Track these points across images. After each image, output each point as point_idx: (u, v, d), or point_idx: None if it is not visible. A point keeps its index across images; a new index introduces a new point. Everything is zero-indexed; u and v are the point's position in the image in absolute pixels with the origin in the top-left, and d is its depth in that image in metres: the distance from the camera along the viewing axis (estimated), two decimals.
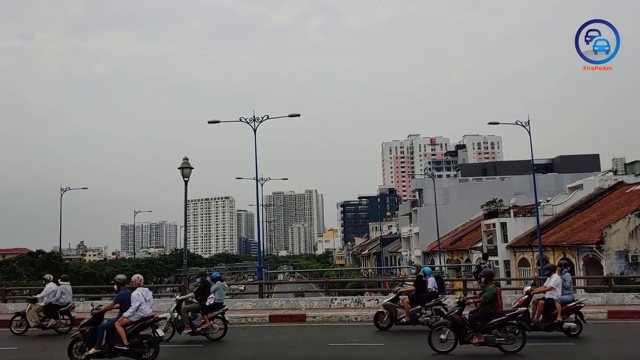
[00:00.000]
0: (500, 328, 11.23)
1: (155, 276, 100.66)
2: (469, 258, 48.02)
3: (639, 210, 30.78)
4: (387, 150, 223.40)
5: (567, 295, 13.33)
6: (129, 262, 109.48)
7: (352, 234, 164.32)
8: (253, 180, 35.66)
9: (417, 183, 69.05)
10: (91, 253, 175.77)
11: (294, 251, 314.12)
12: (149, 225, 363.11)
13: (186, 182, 20.80)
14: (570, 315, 13.13)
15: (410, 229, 65.25)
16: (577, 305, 13.24)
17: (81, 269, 70.34)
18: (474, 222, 54.71)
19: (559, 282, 13.35)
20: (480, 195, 52.90)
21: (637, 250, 29.87)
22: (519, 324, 11.44)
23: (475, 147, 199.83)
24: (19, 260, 60.39)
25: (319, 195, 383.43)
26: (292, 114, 32.58)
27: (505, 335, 11.20)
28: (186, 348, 13.29)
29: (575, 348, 12.10)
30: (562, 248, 33.52)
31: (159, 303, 20.19)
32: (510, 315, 11.37)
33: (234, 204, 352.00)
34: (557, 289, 13.25)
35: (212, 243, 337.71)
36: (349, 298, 19.42)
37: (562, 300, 13.11)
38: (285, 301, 20.04)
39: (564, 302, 13.10)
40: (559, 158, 77.04)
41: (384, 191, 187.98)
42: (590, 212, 38.10)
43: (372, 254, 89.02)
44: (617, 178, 42.49)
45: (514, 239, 40.29)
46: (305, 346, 13.08)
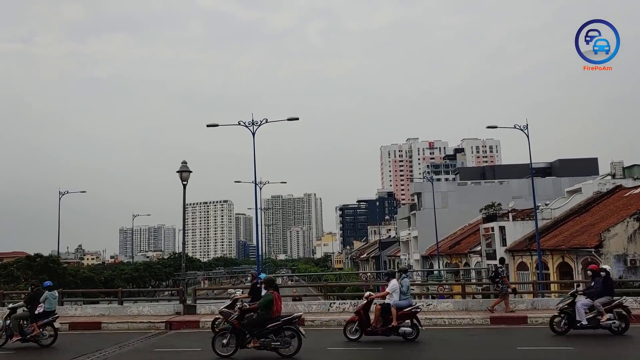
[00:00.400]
0: (276, 333, 11.62)
1: (154, 280, 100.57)
2: (468, 262, 48.00)
3: (638, 214, 30.77)
4: (386, 154, 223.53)
5: (403, 301, 13.58)
6: (127, 265, 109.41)
7: (350, 237, 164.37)
8: (252, 183, 35.66)
9: (416, 187, 69.07)
10: (89, 257, 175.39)
11: (293, 255, 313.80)
12: (148, 229, 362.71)
13: (184, 185, 20.77)
14: (406, 320, 13.34)
15: (409, 233, 65.23)
16: (413, 310, 13.48)
17: (79, 273, 70.28)
18: (472, 226, 54.69)
19: (395, 287, 13.63)
20: (479, 199, 52.93)
21: (635, 254, 29.87)
22: (295, 329, 11.80)
23: (474, 151, 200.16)
24: (16, 264, 60.26)
25: (318, 199, 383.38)
26: (290, 118, 32.60)
27: (281, 340, 11.60)
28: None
29: (575, 352, 12.07)
30: (560, 252, 33.50)
31: (157, 306, 20.17)
32: (285, 321, 11.75)
33: (233, 208, 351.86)
34: (394, 295, 13.55)
35: (211, 247, 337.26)
36: (347, 302, 19.40)
37: (398, 305, 13.37)
38: (283, 305, 19.95)
39: (400, 307, 13.36)
40: (558, 162, 77.14)
41: (383, 195, 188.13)
42: (588, 215, 38.12)
43: (371, 257, 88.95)
44: (616, 182, 42.52)
45: (512, 243, 40.27)
46: (304, 351, 13.03)
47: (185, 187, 20.84)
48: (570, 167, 69.10)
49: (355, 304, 19.05)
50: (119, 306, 20.51)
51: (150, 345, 14.16)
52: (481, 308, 18.48)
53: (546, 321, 16.23)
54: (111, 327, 17.40)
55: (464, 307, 18.63)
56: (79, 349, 13.49)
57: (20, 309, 14.76)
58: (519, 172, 65.53)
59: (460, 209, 58.32)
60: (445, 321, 16.63)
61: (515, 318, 16.70)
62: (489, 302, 18.69)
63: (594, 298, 13.62)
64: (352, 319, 13.84)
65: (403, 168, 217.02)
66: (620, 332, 13.42)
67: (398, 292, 13.60)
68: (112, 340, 14.79)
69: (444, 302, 19.69)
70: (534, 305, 18.42)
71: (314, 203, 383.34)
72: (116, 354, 12.87)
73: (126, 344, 14.14)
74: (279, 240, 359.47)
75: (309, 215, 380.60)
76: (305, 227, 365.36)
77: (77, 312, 19.92)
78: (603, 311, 13.34)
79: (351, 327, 13.69)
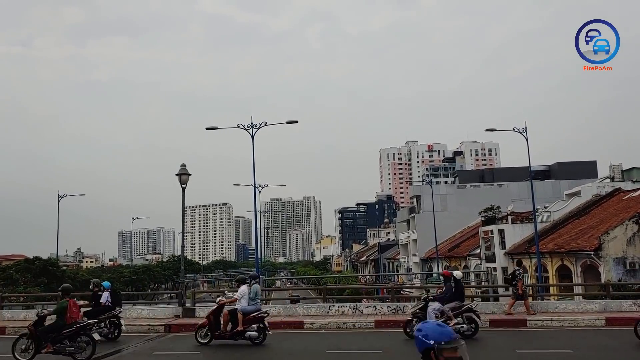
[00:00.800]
0: (70, 339, 12.06)
1: (153, 283, 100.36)
2: (467, 264, 47.98)
3: (637, 217, 30.77)
4: (385, 157, 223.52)
5: (251, 306, 14.05)
6: (126, 268, 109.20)
7: (350, 240, 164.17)
8: (251, 186, 35.61)
9: (415, 190, 69.12)
10: (88, 260, 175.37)
11: (292, 258, 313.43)
12: (147, 232, 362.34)
13: (184, 188, 20.76)
14: (253, 324, 13.86)
15: (408, 236, 65.22)
16: (259, 315, 13.94)
17: (78, 276, 70.14)
18: (472, 229, 54.70)
19: (244, 293, 14.11)
20: (478, 201, 52.96)
21: (634, 257, 29.85)
22: (89, 336, 12.27)
23: (473, 154, 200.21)
24: (15, 266, 60.13)
25: (317, 202, 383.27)
26: (289, 121, 32.55)
27: (75, 345, 12.03)
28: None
29: (573, 355, 12.07)
30: (560, 255, 33.50)
31: (156, 309, 20.15)
32: (79, 327, 12.16)
33: (232, 211, 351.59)
34: (242, 300, 14.03)
35: (210, 249, 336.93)
36: (346, 305, 19.36)
37: (246, 310, 13.86)
38: (282, 308, 19.95)
39: (247, 312, 13.86)
40: (557, 165, 77.21)
41: (382, 198, 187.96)
42: (587, 218, 38.13)
43: (370, 260, 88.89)
44: (615, 185, 42.55)
45: (511, 246, 40.27)
46: (303, 353, 13.04)
47: (185, 190, 20.82)
48: (569, 170, 69.17)
49: (354, 307, 19.07)
50: None
51: (149, 349, 14.14)
52: (480, 311, 18.42)
53: (546, 324, 16.28)
54: None
55: None
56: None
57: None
58: (518, 175, 65.53)
59: (460, 211, 58.33)
60: None
61: (515, 321, 16.69)
62: (487, 305, 18.67)
63: (444, 303, 14.31)
64: (202, 324, 14.34)
65: (402, 171, 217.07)
66: (470, 336, 13.85)
67: (247, 298, 14.09)
68: (111, 343, 14.76)
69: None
70: (533, 308, 18.39)
71: (313, 206, 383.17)
72: (115, 357, 12.86)
73: (125, 347, 14.12)
74: (278, 243, 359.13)
75: (308, 218, 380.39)
76: (304, 230, 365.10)
77: None
78: (452, 316, 13.95)
79: (202, 331, 14.21)
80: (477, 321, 14.16)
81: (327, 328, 16.86)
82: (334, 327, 16.88)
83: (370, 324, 16.89)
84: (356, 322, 17.11)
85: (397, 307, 18.77)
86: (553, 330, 15.59)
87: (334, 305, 19.38)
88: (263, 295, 28.83)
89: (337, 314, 18.80)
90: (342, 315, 18.45)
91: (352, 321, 17.18)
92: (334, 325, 17.00)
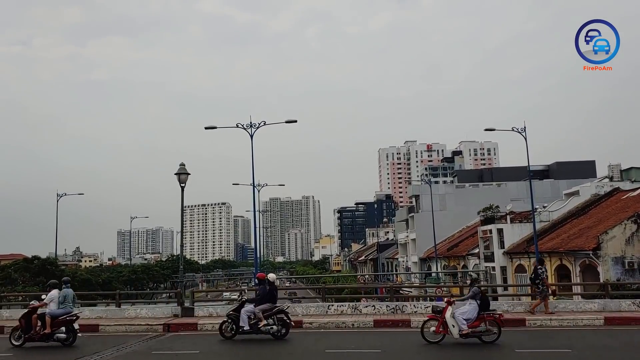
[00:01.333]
0: None
1: (152, 282, 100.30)
2: (466, 264, 48.01)
3: (635, 217, 30.81)
4: (384, 157, 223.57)
5: (60, 310, 14.65)
6: (125, 268, 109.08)
7: (349, 240, 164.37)
8: (250, 186, 35.64)
9: (414, 189, 69.09)
10: (87, 259, 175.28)
11: (291, 257, 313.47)
12: (146, 231, 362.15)
13: (183, 187, 20.75)
14: (61, 327, 14.52)
15: (407, 235, 65.21)
16: (67, 318, 14.57)
17: (77, 275, 69.99)
18: (470, 228, 54.71)
19: (53, 297, 14.74)
20: (476, 201, 52.95)
21: (633, 257, 29.89)
22: None
23: (471, 154, 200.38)
24: (14, 266, 60.07)
25: (316, 202, 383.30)
26: (288, 120, 32.55)
27: None
28: None
29: (572, 354, 12.07)
30: (558, 254, 33.53)
31: (155, 309, 20.13)
32: None
33: (231, 210, 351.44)
34: (51, 304, 14.69)
35: (209, 249, 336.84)
36: (345, 304, 19.34)
37: (54, 314, 14.53)
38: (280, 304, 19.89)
39: (55, 315, 14.51)
40: (555, 164, 77.22)
41: (381, 197, 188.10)
42: (586, 218, 38.16)
43: (369, 260, 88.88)
44: (613, 184, 42.59)
45: (510, 245, 40.29)
46: (302, 353, 13.03)
47: (184, 189, 20.82)
48: (568, 170, 69.17)
49: (353, 307, 19.06)
50: (117, 308, 20.44)
51: (148, 348, 14.13)
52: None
53: (544, 323, 16.28)
54: (109, 330, 17.35)
55: None
56: (77, 352, 13.47)
57: None
58: (516, 175, 65.55)
59: (458, 211, 58.35)
60: None
61: (514, 320, 16.69)
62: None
63: (256, 305, 14.77)
64: (16, 327, 15.00)
65: (401, 171, 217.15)
66: (281, 337, 14.47)
67: (56, 302, 14.70)
68: (109, 342, 14.76)
69: (442, 304, 19.62)
70: (537, 309, 18.39)
71: (312, 205, 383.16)
72: (114, 357, 12.84)
73: (124, 347, 14.11)
74: (277, 243, 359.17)
75: (307, 217, 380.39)
76: (303, 230, 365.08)
77: None
78: (262, 317, 14.49)
79: (15, 334, 14.85)
80: (289, 322, 14.71)
81: (326, 327, 16.85)
82: (333, 326, 16.88)
83: (369, 323, 16.88)
84: (355, 321, 17.10)
85: (396, 307, 18.75)
86: (552, 330, 15.59)
87: (332, 305, 19.36)
88: None
89: (336, 313, 18.79)
90: (341, 315, 18.44)
91: (351, 320, 17.18)
92: (332, 324, 16.99)
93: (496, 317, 13.50)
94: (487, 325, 13.42)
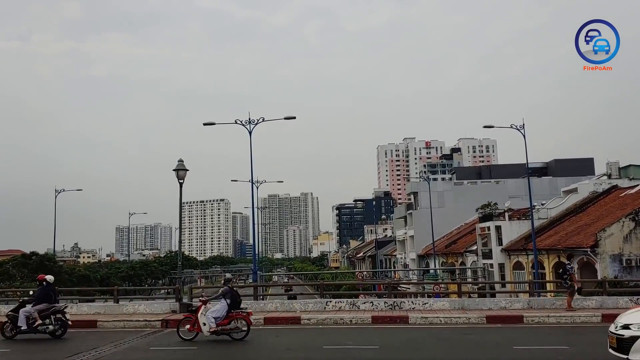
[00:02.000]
0: None
1: (150, 278, 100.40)
2: (464, 261, 48.08)
3: (633, 214, 30.86)
4: (383, 154, 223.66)
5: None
6: (123, 264, 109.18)
7: (347, 236, 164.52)
8: (248, 182, 35.64)
9: (413, 186, 69.11)
10: (85, 255, 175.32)
11: (289, 254, 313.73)
12: (144, 228, 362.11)
13: (181, 184, 20.73)
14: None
15: (405, 232, 65.29)
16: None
17: (75, 271, 70.16)
18: (469, 226, 54.77)
19: None
20: (475, 198, 53.02)
21: (631, 254, 29.95)
22: None
23: (470, 151, 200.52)
24: (12, 262, 60.11)
25: (315, 198, 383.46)
26: (287, 117, 32.57)
27: None
28: None
29: (570, 351, 12.10)
30: (556, 251, 33.58)
31: (153, 305, 20.13)
32: None
33: (229, 207, 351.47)
34: None
35: (207, 245, 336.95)
36: (343, 301, 19.37)
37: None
38: (279, 303, 19.95)
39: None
40: (554, 162, 77.26)
41: (380, 194, 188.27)
42: (584, 215, 38.21)
43: (367, 256, 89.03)
44: (612, 182, 42.65)
45: (508, 243, 40.35)
46: (300, 349, 13.04)
47: (182, 186, 20.80)
48: (566, 167, 69.19)
49: (351, 303, 19.10)
50: (115, 304, 20.43)
51: (146, 344, 14.12)
52: (477, 307, 18.51)
53: (542, 320, 16.32)
54: (107, 326, 17.34)
55: (460, 306, 18.64)
56: (75, 347, 13.44)
57: None
58: (515, 172, 65.59)
59: (457, 208, 58.42)
60: (441, 320, 16.64)
61: (511, 317, 16.73)
62: (484, 301, 18.72)
63: (34, 305, 15.07)
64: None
65: (400, 167, 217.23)
66: (58, 336, 14.83)
67: None
68: (107, 338, 14.74)
69: (440, 301, 19.69)
70: (530, 305, 18.47)
71: (311, 202, 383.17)
72: (112, 352, 12.84)
73: (122, 342, 14.10)
74: (275, 239, 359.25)
75: (305, 214, 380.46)
76: (301, 226, 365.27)
77: (72, 310, 19.81)
78: (37, 317, 14.77)
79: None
80: (67, 322, 15.02)
81: (324, 324, 16.87)
82: (331, 322, 16.89)
83: (367, 319, 16.91)
84: (353, 317, 17.12)
85: (394, 303, 18.78)
86: (549, 327, 15.63)
87: (331, 301, 19.39)
88: (260, 290, 28.95)
89: (334, 309, 18.82)
90: (339, 311, 18.47)
91: (349, 317, 17.20)
92: (331, 320, 17.01)
93: (244, 315, 14.04)
94: (236, 323, 13.93)
